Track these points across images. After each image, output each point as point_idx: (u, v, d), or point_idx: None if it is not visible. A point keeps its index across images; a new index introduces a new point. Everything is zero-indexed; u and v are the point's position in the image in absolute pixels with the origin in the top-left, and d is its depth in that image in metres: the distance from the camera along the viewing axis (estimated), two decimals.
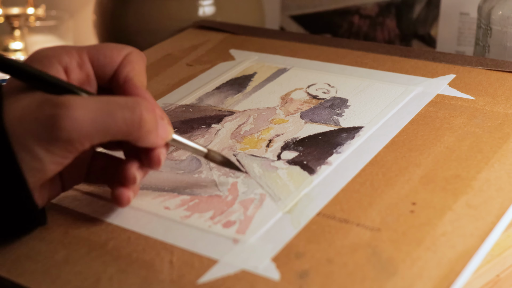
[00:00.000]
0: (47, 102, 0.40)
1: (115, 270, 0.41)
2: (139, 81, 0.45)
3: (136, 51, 0.46)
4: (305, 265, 0.40)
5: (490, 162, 0.47)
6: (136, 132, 0.42)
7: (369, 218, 0.43)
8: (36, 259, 0.42)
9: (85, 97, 0.41)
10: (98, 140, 0.41)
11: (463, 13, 0.81)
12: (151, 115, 0.42)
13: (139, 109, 0.41)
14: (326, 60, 0.65)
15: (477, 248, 0.40)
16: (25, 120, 0.39)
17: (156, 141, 0.43)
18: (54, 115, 0.39)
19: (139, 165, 0.45)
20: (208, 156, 0.47)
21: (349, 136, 0.52)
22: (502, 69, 0.60)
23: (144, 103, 0.42)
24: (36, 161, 0.40)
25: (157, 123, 0.43)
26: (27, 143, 0.39)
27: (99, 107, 0.40)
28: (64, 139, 0.39)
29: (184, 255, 0.42)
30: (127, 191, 0.45)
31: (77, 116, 0.39)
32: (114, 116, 0.41)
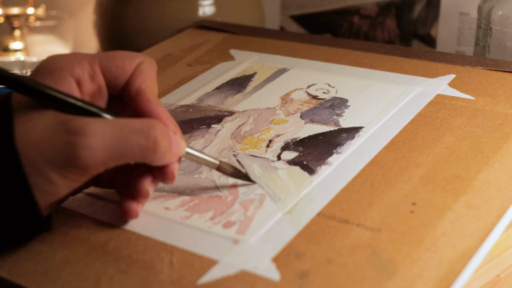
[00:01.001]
0: (62, 126, 0.40)
1: (115, 271, 0.41)
2: (151, 92, 0.44)
3: (147, 60, 0.46)
4: (305, 266, 0.40)
5: (490, 162, 0.47)
6: (151, 156, 0.42)
7: (369, 218, 0.43)
8: (36, 260, 0.42)
9: (101, 121, 0.40)
10: (113, 165, 0.41)
11: (463, 13, 0.81)
12: (165, 139, 0.42)
13: (153, 134, 0.41)
14: (326, 60, 0.65)
15: (477, 248, 0.40)
16: (41, 145, 0.39)
17: (170, 159, 0.43)
18: (70, 143, 0.39)
19: (152, 179, 0.44)
20: (220, 168, 0.47)
21: (349, 136, 0.52)
22: (502, 69, 0.60)
23: (158, 126, 0.42)
24: (50, 185, 0.40)
25: (171, 144, 0.43)
26: (42, 168, 0.39)
27: (114, 134, 0.40)
28: (79, 166, 0.40)
29: (184, 255, 0.42)
30: (137, 205, 0.45)
31: (93, 144, 0.39)
32: (129, 143, 0.41)
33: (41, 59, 0.81)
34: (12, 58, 0.86)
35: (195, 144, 0.53)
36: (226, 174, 0.47)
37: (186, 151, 0.45)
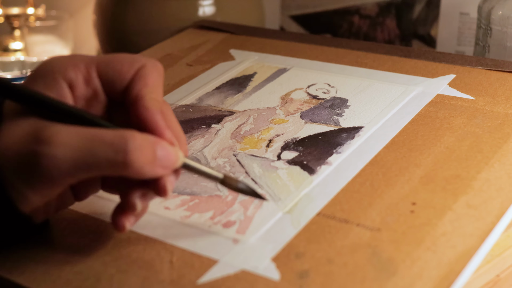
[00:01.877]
0: (32, 133, 0.38)
1: (115, 270, 0.41)
2: (151, 99, 0.41)
3: (150, 63, 0.43)
4: (305, 265, 0.40)
5: (490, 162, 0.47)
6: (124, 171, 0.38)
7: (369, 218, 0.43)
8: (36, 259, 0.42)
9: (71, 131, 0.38)
10: (82, 177, 0.38)
11: (463, 13, 0.81)
12: (143, 153, 0.38)
13: (123, 148, 0.38)
14: (326, 60, 0.65)
15: (477, 248, 0.40)
16: (8, 153, 0.38)
17: (154, 172, 0.39)
18: (34, 153, 0.37)
19: (142, 193, 0.41)
20: (225, 183, 0.42)
21: (349, 136, 0.52)
22: (502, 69, 0.60)
23: (133, 140, 0.38)
24: (19, 194, 0.38)
25: (155, 156, 0.39)
26: (8, 176, 0.38)
27: (80, 145, 0.38)
28: (44, 177, 0.38)
29: (184, 255, 0.42)
30: (124, 219, 0.41)
31: (57, 154, 0.37)
32: (96, 156, 0.38)
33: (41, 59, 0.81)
34: (12, 58, 0.86)
35: (195, 144, 0.53)
36: (231, 189, 0.43)
37: (184, 163, 0.41)
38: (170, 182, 0.40)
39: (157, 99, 0.41)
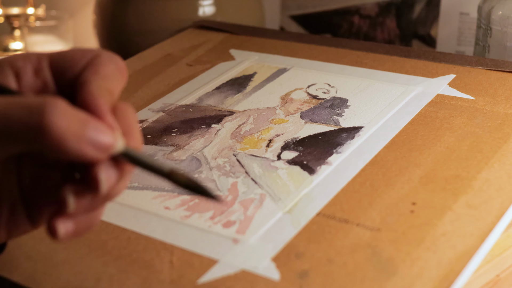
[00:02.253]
0: None
1: (115, 270, 0.41)
2: (99, 87, 0.36)
3: (106, 54, 0.39)
4: (305, 265, 0.40)
5: (490, 162, 0.47)
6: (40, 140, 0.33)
7: (369, 218, 0.43)
8: (37, 259, 0.42)
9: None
10: None
11: (463, 13, 0.81)
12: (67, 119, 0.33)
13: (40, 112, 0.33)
14: (326, 60, 0.65)
15: (477, 248, 0.40)
16: None
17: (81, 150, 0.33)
18: None
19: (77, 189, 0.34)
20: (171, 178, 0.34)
21: (349, 136, 0.52)
22: (502, 69, 0.60)
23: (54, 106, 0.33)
24: None
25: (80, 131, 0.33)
26: None
27: None
28: None
29: (184, 255, 0.42)
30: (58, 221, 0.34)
31: None
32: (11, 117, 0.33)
33: None
34: None
35: (195, 144, 0.53)
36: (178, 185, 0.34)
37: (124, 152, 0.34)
38: (106, 174, 0.34)
39: (107, 89, 0.37)
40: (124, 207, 0.47)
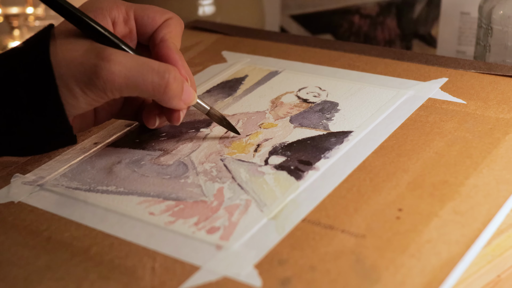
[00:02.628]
0: (93, 51, 0.46)
1: (96, 276, 0.41)
2: (173, 43, 0.50)
3: (176, 17, 0.52)
4: (288, 272, 0.39)
5: (479, 167, 0.47)
6: (161, 96, 0.48)
7: (355, 224, 0.43)
8: (18, 265, 0.42)
9: (126, 55, 0.47)
10: (127, 94, 0.47)
11: (464, 13, 0.80)
12: (177, 84, 0.48)
13: (167, 77, 0.47)
14: (319, 63, 0.64)
15: (462, 255, 0.39)
16: (72, 63, 0.46)
17: (178, 105, 0.49)
18: (96, 65, 0.45)
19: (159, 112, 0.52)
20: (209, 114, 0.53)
21: (338, 140, 0.51)
22: (495, 72, 0.59)
23: (173, 71, 0.48)
24: (72, 98, 0.46)
25: (182, 91, 0.49)
26: (68, 82, 0.46)
27: (134, 67, 0.46)
28: (99, 87, 0.46)
29: (167, 261, 0.42)
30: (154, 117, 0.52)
31: (114, 70, 0.46)
32: (145, 78, 0.47)
33: None
34: None
35: (182, 149, 0.53)
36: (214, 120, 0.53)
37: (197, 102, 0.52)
38: (183, 113, 0.51)
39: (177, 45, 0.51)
40: (109, 212, 0.46)
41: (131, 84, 0.46)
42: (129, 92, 0.47)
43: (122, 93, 0.47)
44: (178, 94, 0.49)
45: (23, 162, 0.54)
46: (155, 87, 0.47)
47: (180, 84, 0.49)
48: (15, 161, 0.54)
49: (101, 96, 0.47)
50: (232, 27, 0.76)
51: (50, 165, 0.53)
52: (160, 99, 0.48)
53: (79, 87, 0.46)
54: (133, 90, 0.47)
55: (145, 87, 0.47)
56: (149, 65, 0.47)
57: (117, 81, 0.46)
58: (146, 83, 0.47)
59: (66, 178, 0.51)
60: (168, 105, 0.49)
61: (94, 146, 0.55)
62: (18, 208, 0.48)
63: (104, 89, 0.46)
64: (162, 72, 0.47)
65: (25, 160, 0.54)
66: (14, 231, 0.46)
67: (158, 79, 0.47)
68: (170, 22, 0.52)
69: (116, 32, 0.50)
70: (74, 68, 0.46)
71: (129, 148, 0.54)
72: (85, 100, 0.46)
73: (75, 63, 0.46)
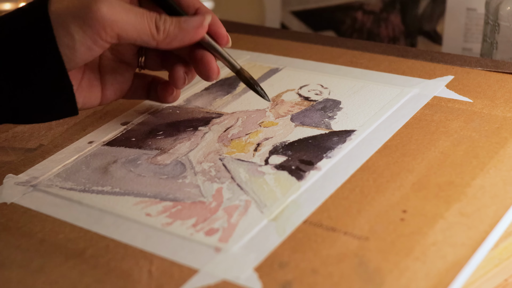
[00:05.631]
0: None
1: (91, 280, 0.40)
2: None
3: None
4: (289, 276, 0.39)
5: (485, 168, 0.46)
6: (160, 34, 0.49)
7: (358, 226, 0.42)
8: (11, 268, 0.42)
9: None
10: (126, 33, 0.47)
11: (470, 9, 0.79)
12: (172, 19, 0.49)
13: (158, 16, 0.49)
14: (321, 60, 0.63)
15: (468, 258, 0.39)
16: (70, 3, 0.47)
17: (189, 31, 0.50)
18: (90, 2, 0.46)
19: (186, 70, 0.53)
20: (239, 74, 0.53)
21: (340, 140, 0.50)
22: (502, 70, 0.58)
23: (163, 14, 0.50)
24: (69, 37, 0.46)
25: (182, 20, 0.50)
26: (65, 20, 0.46)
27: (131, 7, 0.48)
28: (98, 18, 0.46)
29: (164, 264, 0.41)
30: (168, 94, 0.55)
31: (113, 3, 0.47)
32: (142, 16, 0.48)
33: None
34: None
35: (180, 148, 0.52)
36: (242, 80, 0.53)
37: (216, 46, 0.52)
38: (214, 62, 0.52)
39: None
40: (104, 214, 0.45)
41: (130, 21, 0.47)
42: (128, 31, 0.47)
43: (121, 30, 0.47)
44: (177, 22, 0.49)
45: (16, 162, 0.53)
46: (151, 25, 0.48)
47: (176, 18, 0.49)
48: (8, 161, 0.53)
49: (100, 35, 0.47)
50: (231, 24, 0.75)
51: (44, 165, 0.52)
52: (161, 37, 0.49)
53: (75, 23, 0.46)
54: (130, 31, 0.48)
55: (141, 25, 0.48)
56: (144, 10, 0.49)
57: (116, 15, 0.47)
58: (142, 21, 0.48)
59: (60, 178, 0.50)
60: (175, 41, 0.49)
61: (89, 145, 0.54)
62: (10, 209, 0.47)
63: (102, 23, 0.46)
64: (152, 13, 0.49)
65: (18, 160, 0.53)
66: (6, 233, 0.45)
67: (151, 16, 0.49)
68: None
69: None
70: (72, 7, 0.47)
71: (125, 147, 0.53)
72: (82, 38, 0.47)
73: (72, 3, 0.47)
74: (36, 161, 0.53)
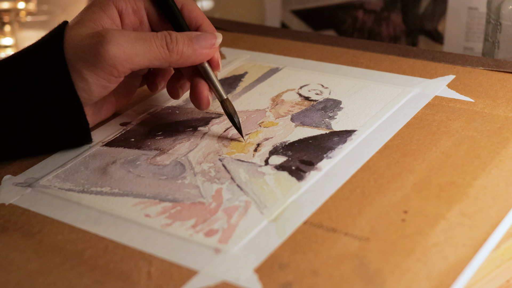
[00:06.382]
0: (93, 33, 0.48)
1: (90, 282, 0.40)
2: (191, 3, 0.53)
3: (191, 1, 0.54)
4: (289, 277, 0.38)
5: (487, 168, 0.45)
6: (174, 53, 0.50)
7: (358, 227, 0.41)
8: (9, 269, 0.41)
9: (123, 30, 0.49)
10: (138, 64, 0.49)
11: (472, 8, 0.79)
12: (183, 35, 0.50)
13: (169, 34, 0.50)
14: (321, 59, 0.63)
15: (470, 259, 0.38)
16: (77, 46, 0.48)
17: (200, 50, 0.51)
18: (99, 40, 0.47)
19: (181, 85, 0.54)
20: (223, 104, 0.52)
21: (341, 140, 0.50)
22: (504, 69, 0.58)
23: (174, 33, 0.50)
24: (83, 82, 0.48)
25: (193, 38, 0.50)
26: (76, 65, 0.48)
27: (138, 36, 0.49)
28: (107, 61, 0.47)
29: (163, 265, 0.40)
30: None
31: (119, 40, 0.48)
32: (150, 42, 0.49)
33: None
34: (2, 54, 0.85)
35: (179, 148, 0.52)
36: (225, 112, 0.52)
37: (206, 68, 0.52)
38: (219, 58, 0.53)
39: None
40: (103, 215, 0.45)
41: (139, 51, 0.48)
42: (139, 61, 0.48)
43: (133, 63, 0.48)
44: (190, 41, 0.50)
45: (15, 162, 0.53)
46: (161, 48, 0.49)
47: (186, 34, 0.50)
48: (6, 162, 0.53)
49: (112, 73, 0.48)
50: (231, 23, 0.75)
51: (42, 166, 0.51)
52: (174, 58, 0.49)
53: (87, 68, 0.47)
54: (143, 57, 0.48)
55: (152, 52, 0.48)
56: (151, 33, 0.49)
57: (125, 51, 0.48)
58: (151, 48, 0.49)
59: (59, 179, 0.50)
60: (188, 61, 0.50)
61: (87, 146, 0.53)
62: (9, 210, 0.47)
63: (113, 62, 0.47)
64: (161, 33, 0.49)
65: (16, 161, 0.53)
66: (4, 234, 0.45)
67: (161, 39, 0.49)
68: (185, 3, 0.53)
69: (125, 24, 0.52)
70: (79, 50, 0.48)
71: (124, 148, 0.53)
72: (96, 81, 0.48)
73: (80, 46, 0.48)
74: (34, 161, 0.52)
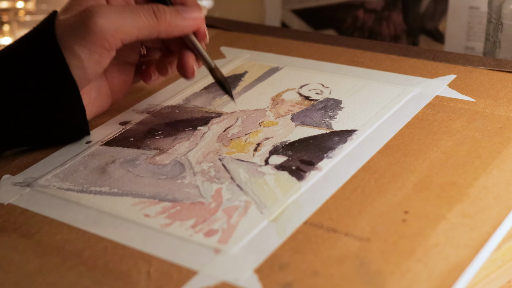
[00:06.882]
0: (85, 8, 0.49)
1: (89, 282, 0.40)
2: None
3: None
4: (289, 277, 0.38)
5: (488, 168, 0.45)
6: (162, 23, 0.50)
7: (359, 227, 0.41)
8: (8, 269, 0.41)
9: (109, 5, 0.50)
10: (127, 34, 0.49)
11: (473, 7, 0.79)
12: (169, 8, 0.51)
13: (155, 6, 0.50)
14: (321, 59, 0.63)
15: (471, 260, 0.38)
16: (67, 25, 0.49)
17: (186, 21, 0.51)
18: (88, 15, 0.48)
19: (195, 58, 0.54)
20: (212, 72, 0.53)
21: (341, 140, 0.50)
22: (505, 69, 0.57)
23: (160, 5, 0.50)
24: (76, 59, 0.48)
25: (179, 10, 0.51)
26: (67, 43, 0.48)
27: (125, 7, 0.49)
28: (97, 33, 0.48)
29: (163, 265, 0.40)
30: None
31: (107, 12, 0.48)
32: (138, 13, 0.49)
33: None
34: None
35: (179, 148, 0.51)
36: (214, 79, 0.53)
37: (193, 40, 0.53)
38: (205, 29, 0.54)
39: None
40: (102, 214, 0.45)
41: (128, 21, 0.48)
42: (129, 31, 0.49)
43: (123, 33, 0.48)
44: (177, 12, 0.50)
45: (13, 162, 0.52)
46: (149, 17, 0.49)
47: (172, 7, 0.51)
48: (5, 161, 0.52)
49: (104, 46, 0.48)
50: (231, 22, 0.74)
51: (41, 165, 0.51)
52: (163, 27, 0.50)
53: (78, 43, 0.48)
54: (132, 27, 0.49)
55: (140, 21, 0.49)
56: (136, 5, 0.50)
57: (115, 22, 0.48)
58: (139, 17, 0.49)
59: (58, 179, 0.49)
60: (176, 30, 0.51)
61: (86, 145, 0.53)
62: (7, 210, 0.47)
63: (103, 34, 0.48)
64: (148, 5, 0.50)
65: (14, 160, 0.52)
66: (3, 234, 0.45)
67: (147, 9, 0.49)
68: None
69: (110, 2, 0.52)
70: (69, 28, 0.48)
71: (123, 147, 0.52)
72: (88, 56, 0.48)
73: (69, 23, 0.49)
74: (33, 161, 0.52)
